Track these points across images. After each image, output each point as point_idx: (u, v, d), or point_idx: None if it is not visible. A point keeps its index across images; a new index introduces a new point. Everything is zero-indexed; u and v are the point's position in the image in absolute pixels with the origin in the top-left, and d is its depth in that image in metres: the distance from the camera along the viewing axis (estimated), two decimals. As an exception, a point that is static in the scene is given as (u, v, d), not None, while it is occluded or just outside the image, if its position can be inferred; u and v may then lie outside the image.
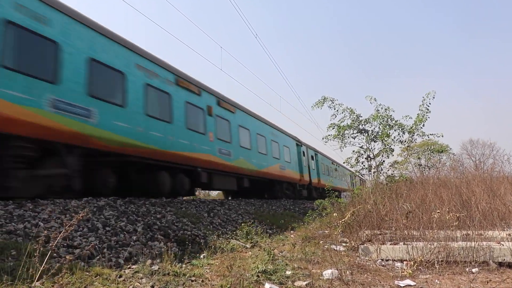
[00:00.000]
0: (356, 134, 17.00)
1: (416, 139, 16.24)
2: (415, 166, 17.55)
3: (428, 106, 15.79)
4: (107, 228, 8.46)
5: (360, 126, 16.77)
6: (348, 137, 17.11)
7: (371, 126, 16.75)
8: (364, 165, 16.86)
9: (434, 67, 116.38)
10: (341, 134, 17.01)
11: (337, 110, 17.09)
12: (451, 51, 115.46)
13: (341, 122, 17.13)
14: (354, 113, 16.87)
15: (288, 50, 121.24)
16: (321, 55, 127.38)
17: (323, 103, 17.26)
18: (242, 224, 13.33)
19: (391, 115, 16.18)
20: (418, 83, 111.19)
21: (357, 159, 16.95)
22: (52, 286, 5.11)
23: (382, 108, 16.44)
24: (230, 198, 22.97)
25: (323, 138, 18.13)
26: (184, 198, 16.31)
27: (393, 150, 16.27)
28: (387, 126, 16.00)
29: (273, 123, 25.62)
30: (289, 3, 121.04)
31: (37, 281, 5.04)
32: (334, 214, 12.88)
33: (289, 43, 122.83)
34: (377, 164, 16.50)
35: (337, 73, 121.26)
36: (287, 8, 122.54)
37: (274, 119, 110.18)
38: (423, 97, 15.88)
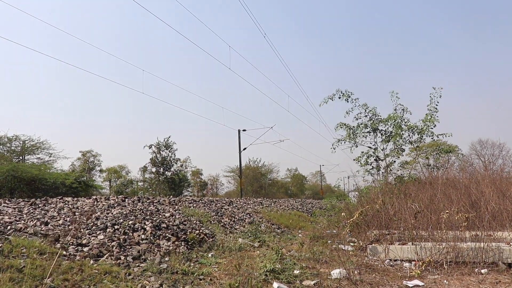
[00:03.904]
0: (368, 132, 16.70)
1: (425, 140, 16.10)
2: (424, 166, 17.42)
3: (437, 104, 15.65)
4: (116, 227, 8.51)
5: (374, 125, 16.44)
6: (360, 137, 16.84)
7: (385, 126, 16.50)
8: (373, 166, 16.74)
9: (439, 63, 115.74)
10: (352, 133, 16.68)
11: (355, 105, 16.62)
12: (455, 46, 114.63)
13: (356, 119, 16.71)
14: (368, 107, 16.46)
15: (296, 49, 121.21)
16: (327, 54, 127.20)
17: (334, 96, 16.74)
18: (250, 223, 13.37)
19: (406, 118, 15.98)
20: (424, 78, 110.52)
21: (367, 160, 16.79)
22: (62, 283, 5.16)
23: (399, 109, 16.18)
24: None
25: (332, 145, 17.66)
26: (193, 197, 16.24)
27: (403, 150, 16.13)
28: (400, 128, 15.81)
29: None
30: (294, 2, 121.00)
31: (47, 278, 5.09)
32: (343, 214, 12.86)
33: (297, 42, 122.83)
34: (387, 164, 16.38)
35: (342, 70, 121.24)
36: (293, 7, 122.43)
37: (281, 118, 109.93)
38: (430, 95, 15.74)
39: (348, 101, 16.75)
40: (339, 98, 16.84)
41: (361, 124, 16.77)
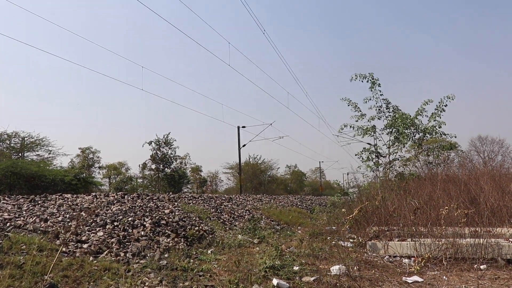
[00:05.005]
0: (381, 130, 16.54)
1: (427, 137, 16.08)
2: (425, 163, 17.40)
3: (445, 105, 15.63)
4: (115, 223, 8.51)
5: (397, 124, 16.19)
6: (370, 133, 16.67)
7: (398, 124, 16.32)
8: (373, 162, 16.70)
9: (439, 58, 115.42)
10: (360, 116, 16.39)
11: (375, 96, 16.28)
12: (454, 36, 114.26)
13: (376, 111, 16.39)
14: (390, 103, 16.13)
15: (296, 46, 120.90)
16: (327, 50, 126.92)
17: (365, 78, 16.31)
18: (250, 219, 13.38)
19: (419, 120, 15.83)
20: (424, 74, 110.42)
21: (369, 157, 16.75)
22: (62, 279, 5.16)
23: (424, 113, 15.96)
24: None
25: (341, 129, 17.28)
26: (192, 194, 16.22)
27: (404, 144, 16.07)
28: (407, 127, 15.69)
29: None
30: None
31: (47, 274, 5.09)
32: (343, 210, 12.86)
33: (297, 39, 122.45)
34: (389, 161, 16.34)
35: (341, 68, 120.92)
36: (293, 3, 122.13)
37: (281, 115, 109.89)
38: (441, 98, 15.73)
39: (371, 90, 16.40)
40: (367, 81, 16.47)
41: (378, 116, 16.50)
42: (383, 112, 16.41)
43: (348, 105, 16.82)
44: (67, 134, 76.10)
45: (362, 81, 16.43)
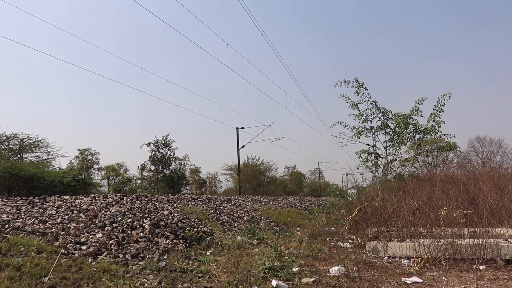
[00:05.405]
0: (377, 129, 16.60)
1: (427, 138, 16.14)
2: (424, 164, 17.46)
3: (443, 105, 15.72)
4: (114, 225, 8.50)
5: (384, 125, 16.26)
6: (367, 133, 16.73)
7: (393, 124, 16.38)
8: (373, 163, 16.73)
9: (438, 56, 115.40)
10: (364, 128, 16.49)
11: (362, 99, 16.31)
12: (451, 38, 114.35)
13: (367, 116, 16.43)
14: (378, 105, 16.20)
15: (295, 46, 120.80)
16: (326, 50, 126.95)
17: (349, 83, 16.30)
18: (249, 221, 13.37)
19: (415, 120, 15.91)
20: (423, 73, 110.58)
21: (367, 158, 16.79)
22: (61, 281, 5.15)
23: (418, 113, 16.03)
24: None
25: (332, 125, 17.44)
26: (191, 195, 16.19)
27: (405, 144, 16.14)
28: (406, 127, 15.75)
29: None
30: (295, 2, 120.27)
31: (45, 277, 5.08)
32: (342, 211, 12.86)
33: (295, 38, 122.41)
34: (388, 162, 16.36)
35: (340, 68, 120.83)
36: (292, 3, 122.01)
37: (280, 116, 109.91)
38: (438, 97, 15.83)
39: (358, 95, 16.48)
40: (352, 87, 16.54)
41: (380, 125, 16.60)
42: (375, 114, 16.52)
43: (346, 102, 16.90)
44: (66, 136, 76.11)
45: (347, 87, 16.58)
